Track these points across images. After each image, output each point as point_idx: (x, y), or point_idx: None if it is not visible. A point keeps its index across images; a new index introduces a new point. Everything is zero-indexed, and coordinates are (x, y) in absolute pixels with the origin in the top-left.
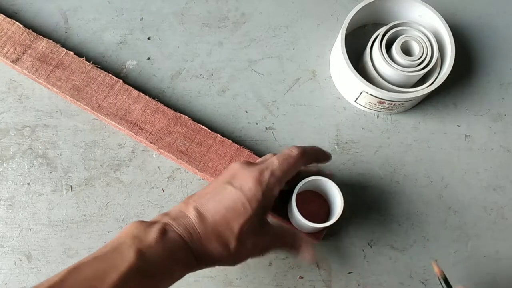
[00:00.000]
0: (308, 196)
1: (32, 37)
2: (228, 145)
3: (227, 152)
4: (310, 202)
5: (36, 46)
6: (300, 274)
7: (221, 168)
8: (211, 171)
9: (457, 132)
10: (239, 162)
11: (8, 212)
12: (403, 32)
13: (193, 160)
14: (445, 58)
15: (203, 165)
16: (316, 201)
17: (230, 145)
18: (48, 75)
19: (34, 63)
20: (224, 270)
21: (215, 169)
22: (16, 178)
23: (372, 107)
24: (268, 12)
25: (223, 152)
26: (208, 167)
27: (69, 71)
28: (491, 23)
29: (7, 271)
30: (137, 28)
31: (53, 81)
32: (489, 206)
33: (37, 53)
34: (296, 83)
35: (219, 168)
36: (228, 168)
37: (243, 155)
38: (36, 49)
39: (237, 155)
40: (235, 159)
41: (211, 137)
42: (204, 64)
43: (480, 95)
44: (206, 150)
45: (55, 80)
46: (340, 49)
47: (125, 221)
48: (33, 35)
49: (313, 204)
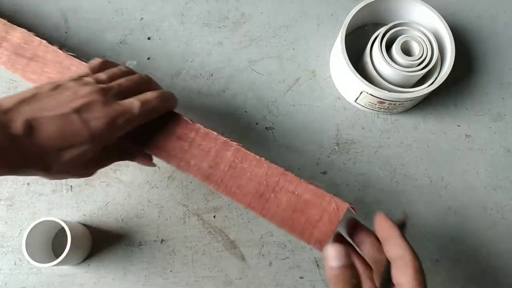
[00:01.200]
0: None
1: (7, 27)
2: (213, 138)
3: (212, 147)
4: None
5: (10, 37)
6: (300, 274)
7: (205, 166)
8: (194, 170)
9: (457, 132)
10: (98, 87)
11: (8, 212)
12: (403, 32)
13: (173, 158)
14: (445, 58)
15: (185, 163)
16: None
17: (215, 138)
18: (24, 69)
19: (11, 57)
20: (224, 270)
21: (199, 167)
22: (16, 178)
23: (372, 107)
24: (268, 12)
25: (208, 147)
26: (191, 165)
27: (43, 63)
28: (491, 23)
29: (7, 271)
30: (137, 28)
31: (28, 76)
32: (489, 206)
33: (12, 46)
34: (296, 83)
35: (203, 167)
36: (84, 87)
37: (230, 149)
38: (11, 41)
39: (223, 150)
40: (222, 155)
41: (192, 129)
42: (204, 64)
43: (480, 95)
44: (188, 145)
45: (30, 74)
46: (340, 49)
47: (125, 221)
48: (7, 25)
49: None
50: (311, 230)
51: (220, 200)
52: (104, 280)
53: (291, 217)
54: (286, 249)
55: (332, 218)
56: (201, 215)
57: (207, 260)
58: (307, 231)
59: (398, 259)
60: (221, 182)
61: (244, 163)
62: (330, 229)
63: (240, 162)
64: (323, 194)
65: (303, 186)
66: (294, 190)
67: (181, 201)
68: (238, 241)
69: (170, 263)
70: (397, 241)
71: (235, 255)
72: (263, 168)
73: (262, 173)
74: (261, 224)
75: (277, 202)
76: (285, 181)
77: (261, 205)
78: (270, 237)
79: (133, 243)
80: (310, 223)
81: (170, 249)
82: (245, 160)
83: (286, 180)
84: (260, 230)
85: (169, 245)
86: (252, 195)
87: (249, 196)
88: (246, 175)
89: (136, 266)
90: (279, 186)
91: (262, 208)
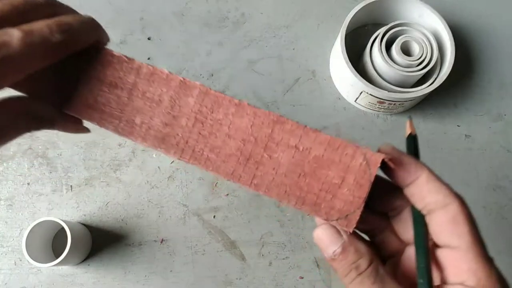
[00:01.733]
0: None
1: None
2: (164, 80)
3: (163, 92)
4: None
5: None
6: (300, 274)
7: (158, 124)
8: (142, 133)
9: (457, 132)
10: None
11: (8, 212)
12: (403, 32)
13: (107, 117)
14: (445, 58)
15: (126, 123)
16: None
17: (166, 78)
18: None
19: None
20: (224, 270)
21: (148, 127)
22: (16, 178)
23: (372, 107)
24: (268, 12)
25: (158, 94)
26: (135, 125)
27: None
28: (491, 23)
29: (7, 271)
30: (138, 28)
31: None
32: (489, 206)
33: None
34: (296, 83)
35: (155, 125)
36: None
37: (192, 93)
38: None
39: (181, 95)
40: (181, 104)
41: (131, 70)
42: (204, 64)
43: (480, 95)
44: (127, 95)
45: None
46: (340, 49)
47: (125, 221)
48: None
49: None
50: (330, 201)
51: (220, 200)
52: (104, 280)
53: (297, 185)
54: (286, 249)
55: (361, 179)
56: (201, 215)
57: (207, 260)
58: (324, 203)
59: (438, 210)
60: (186, 146)
61: (216, 113)
62: (359, 196)
63: (210, 111)
64: (344, 144)
65: (311, 136)
66: (297, 144)
67: (181, 201)
68: (238, 241)
69: (170, 263)
70: (434, 185)
71: (235, 255)
72: (246, 117)
73: (247, 124)
74: (261, 224)
75: (274, 165)
76: (282, 132)
77: (250, 172)
78: (270, 237)
79: (133, 243)
80: (327, 191)
81: (170, 249)
82: (217, 107)
83: (284, 130)
84: (260, 230)
85: (169, 245)
86: (235, 160)
87: (230, 161)
88: (222, 130)
89: (136, 266)
90: (275, 140)
91: (252, 177)
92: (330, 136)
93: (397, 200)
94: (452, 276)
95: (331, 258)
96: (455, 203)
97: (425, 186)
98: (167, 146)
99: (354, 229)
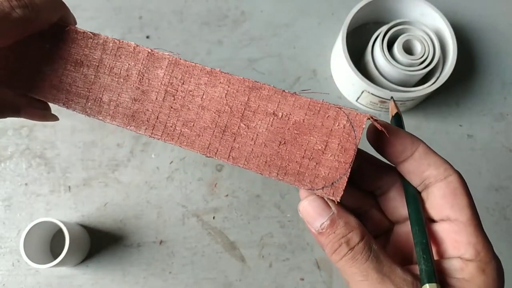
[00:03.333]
0: None
1: None
2: (131, 53)
3: (131, 66)
4: None
5: None
6: (301, 275)
7: (126, 100)
8: (111, 111)
9: (459, 132)
10: None
11: (6, 212)
12: (404, 31)
13: (74, 98)
14: (447, 57)
15: (94, 102)
16: None
17: (134, 51)
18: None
19: None
20: (224, 271)
21: (117, 104)
22: (14, 179)
23: (373, 107)
24: (268, 11)
25: (125, 69)
26: (103, 103)
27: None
28: (494, 22)
29: (5, 272)
30: (136, 26)
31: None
32: (491, 206)
33: None
34: (296, 82)
35: (124, 101)
36: None
37: (161, 65)
38: None
39: (150, 68)
40: (150, 77)
41: (97, 45)
42: (204, 63)
43: (483, 94)
44: (94, 72)
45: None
46: (341, 48)
47: (124, 222)
48: None
49: None
50: (314, 169)
51: (219, 201)
52: (103, 282)
53: (278, 154)
54: (286, 250)
55: (345, 143)
56: (201, 216)
57: (207, 261)
58: (308, 171)
59: (438, 183)
60: (157, 121)
61: (188, 84)
62: (344, 161)
63: (181, 82)
64: (325, 106)
65: (289, 101)
66: (276, 110)
67: (180, 201)
68: (238, 242)
69: (169, 265)
70: (433, 158)
71: (234, 256)
72: (220, 85)
73: (221, 94)
74: (261, 225)
75: (252, 135)
76: (259, 99)
77: (227, 145)
78: (270, 238)
79: (131, 244)
80: (310, 158)
81: (169, 250)
82: (188, 78)
83: (260, 97)
84: (260, 231)
85: (168, 246)
86: (210, 133)
87: (205, 135)
88: (195, 102)
89: (135, 267)
90: (251, 109)
91: (229, 150)
92: (310, 98)
93: (384, 178)
94: (450, 250)
95: (318, 232)
96: (455, 175)
97: (424, 160)
98: (137, 123)
99: (341, 201)
